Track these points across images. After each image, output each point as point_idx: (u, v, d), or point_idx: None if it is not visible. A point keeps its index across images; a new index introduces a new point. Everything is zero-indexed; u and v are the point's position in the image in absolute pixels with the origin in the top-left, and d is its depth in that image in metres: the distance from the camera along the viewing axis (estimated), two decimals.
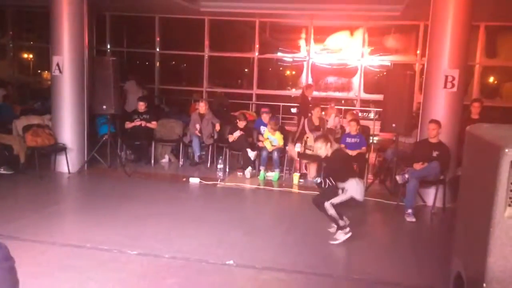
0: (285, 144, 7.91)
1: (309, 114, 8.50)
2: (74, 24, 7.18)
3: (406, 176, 5.91)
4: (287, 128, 9.14)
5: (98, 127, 8.39)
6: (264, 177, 7.50)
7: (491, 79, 11.68)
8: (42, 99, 10.20)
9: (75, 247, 4.35)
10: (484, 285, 2.22)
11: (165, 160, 8.48)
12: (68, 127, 7.34)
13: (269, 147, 7.52)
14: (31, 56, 13.60)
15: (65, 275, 3.78)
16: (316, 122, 8.11)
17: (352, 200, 4.80)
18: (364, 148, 7.30)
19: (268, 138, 7.64)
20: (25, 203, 5.77)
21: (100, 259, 4.13)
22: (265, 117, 8.14)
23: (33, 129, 7.16)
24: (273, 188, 7.15)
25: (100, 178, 7.20)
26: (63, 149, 7.25)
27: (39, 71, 13.74)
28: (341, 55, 11.56)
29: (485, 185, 2.29)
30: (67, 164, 7.25)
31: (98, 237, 4.61)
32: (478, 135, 2.58)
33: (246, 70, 12.46)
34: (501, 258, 2.19)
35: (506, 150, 2.13)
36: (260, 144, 7.71)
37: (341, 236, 4.79)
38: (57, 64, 7.18)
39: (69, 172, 7.28)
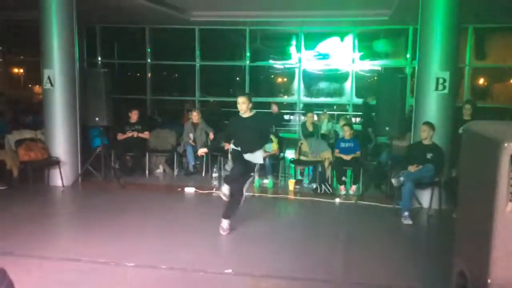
0: (280, 150, 7.90)
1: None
2: (64, 37, 7.13)
3: (402, 179, 5.92)
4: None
5: (91, 140, 8.32)
6: (259, 185, 7.47)
7: (482, 80, 11.80)
8: (33, 114, 10.10)
9: (71, 261, 4.28)
10: (489, 281, 2.20)
11: (160, 170, 8.43)
12: (61, 141, 7.27)
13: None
14: (21, 70, 13.51)
15: None
16: (310, 128, 8.12)
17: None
18: (358, 152, 7.33)
19: None
20: (19, 218, 5.67)
21: (97, 272, 4.07)
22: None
23: (25, 143, 7.09)
24: (268, 195, 7.12)
25: (94, 191, 7.12)
26: (56, 162, 7.18)
27: (29, 85, 13.65)
28: (332, 61, 11.63)
29: (485, 181, 2.28)
30: (61, 177, 7.18)
31: (94, 250, 4.54)
32: (476, 131, 2.57)
33: (238, 78, 12.46)
34: (504, 253, 2.18)
35: (505, 144, 2.13)
36: None
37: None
38: (48, 78, 7.13)
39: (63, 186, 7.20)
